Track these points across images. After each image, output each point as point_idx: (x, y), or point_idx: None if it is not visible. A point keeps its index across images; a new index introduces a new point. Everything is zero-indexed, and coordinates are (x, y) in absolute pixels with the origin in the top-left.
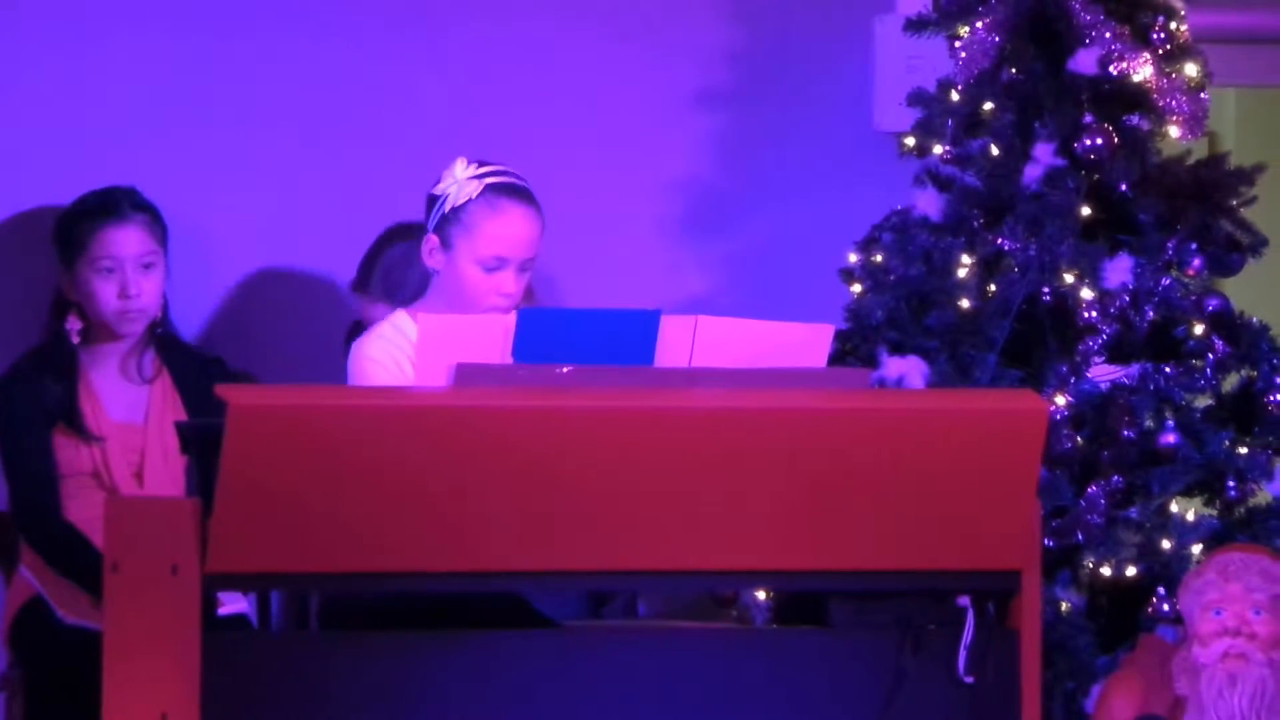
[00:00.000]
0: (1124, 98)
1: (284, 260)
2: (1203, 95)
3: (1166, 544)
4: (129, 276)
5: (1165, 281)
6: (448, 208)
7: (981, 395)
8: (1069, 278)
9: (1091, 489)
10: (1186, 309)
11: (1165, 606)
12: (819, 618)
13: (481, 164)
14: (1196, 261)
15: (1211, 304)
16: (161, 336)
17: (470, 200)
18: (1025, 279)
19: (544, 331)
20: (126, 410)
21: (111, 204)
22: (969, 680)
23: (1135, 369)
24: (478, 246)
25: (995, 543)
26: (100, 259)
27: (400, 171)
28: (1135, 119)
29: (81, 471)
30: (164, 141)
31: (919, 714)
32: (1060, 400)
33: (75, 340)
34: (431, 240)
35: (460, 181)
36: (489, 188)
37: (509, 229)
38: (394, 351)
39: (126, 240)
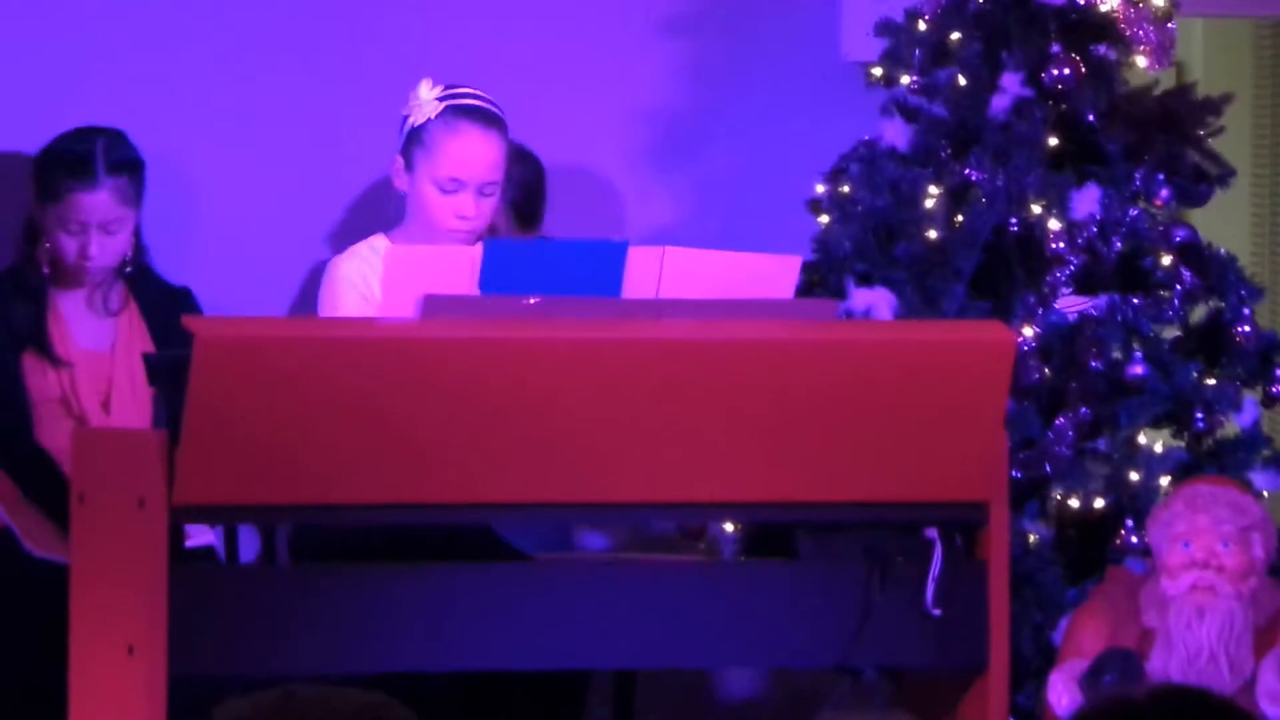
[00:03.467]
0: (1091, 27)
1: (261, 193)
2: (1170, 25)
3: (1135, 476)
4: (91, 238)
5: (1133, 212)
6: (409, 127)
7: (949, 327)
8: (1036, 208)
9: (1059, 421)
10: (1154, 240)
11: (1133, 539)
12: (787, 550)
13: (449, 86)
14: (1164, 192)
15: (1179, 235)
16: (130, 273)
17: (430, 120)
18: (993, 210)
19: (511, 263)
20: (93, 338)
21: (88, 164)
22: (937, 612)
23: (1103, 300)
24: (435, 167)
25: (963, 474)
26: (68, 219)
27: (368, 103)
28: (1102, 49)
29: (50, 398)
30: (143, 77)
31: (887, 646)
32: (1028, 331)
33: (46, 270)
34: (397, 161)
35: (423, 102)
36: (449, 109)
37: (465, 150)
38: (368, 273)
39: (94, 207)
